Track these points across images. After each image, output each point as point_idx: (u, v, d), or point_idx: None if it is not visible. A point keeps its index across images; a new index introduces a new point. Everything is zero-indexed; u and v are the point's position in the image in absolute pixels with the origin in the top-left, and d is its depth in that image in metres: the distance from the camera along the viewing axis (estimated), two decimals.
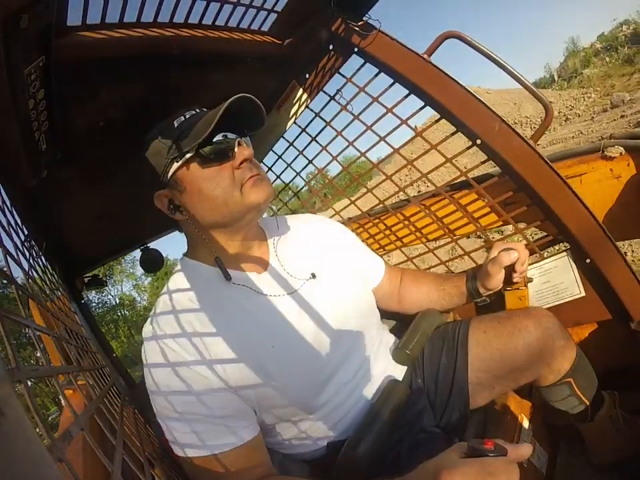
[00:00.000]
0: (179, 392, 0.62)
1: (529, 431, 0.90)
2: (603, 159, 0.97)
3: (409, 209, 1.22)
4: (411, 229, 1.24)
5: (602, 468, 0.89)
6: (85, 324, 1.08)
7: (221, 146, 0.68)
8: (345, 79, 1.08)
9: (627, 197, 0.97)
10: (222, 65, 0.96)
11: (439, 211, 1.16)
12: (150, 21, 0.77)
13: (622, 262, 0.91)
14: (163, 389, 0.62)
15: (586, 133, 6.89)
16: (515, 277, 0.87)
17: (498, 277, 0.84)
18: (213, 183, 0.67)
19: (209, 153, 0.67)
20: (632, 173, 0.95)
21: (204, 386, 0.62)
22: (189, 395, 0.61)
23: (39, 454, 0.18)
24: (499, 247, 0.85)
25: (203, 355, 0.63)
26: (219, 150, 0.67)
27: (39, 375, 0.34)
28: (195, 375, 0.62)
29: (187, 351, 0.63)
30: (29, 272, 0.54)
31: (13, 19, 0.46)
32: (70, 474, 0.25)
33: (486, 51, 0.89)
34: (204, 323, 0.66)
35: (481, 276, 0.88)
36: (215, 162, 0.67)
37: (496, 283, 0.86)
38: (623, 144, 0.95)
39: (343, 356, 0.76)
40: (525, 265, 0.86)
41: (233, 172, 0.68)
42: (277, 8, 0.94)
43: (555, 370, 0.81)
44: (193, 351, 0.63)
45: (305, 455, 0.77)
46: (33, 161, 0.70)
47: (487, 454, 0.46)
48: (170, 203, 0.72)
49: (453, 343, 0.88)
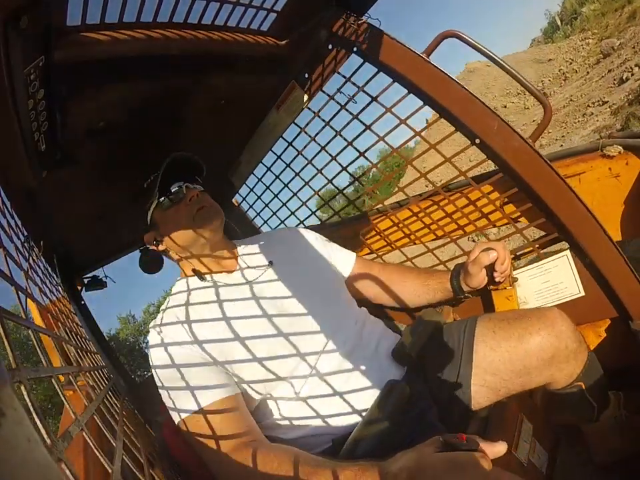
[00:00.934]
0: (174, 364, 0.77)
1: (529, 430, 0.90)
2: (602, 158, 0.97)
3: (406, 211, 1.22)
4: (410, 229, 1.25)
5: (603, 467, 0.89)
6: (84, 324, 1.08)
7: (176, 193, 0.93)
8: (344, 79, 1.08)
9: (626, 195, 0.97)
10: (221, 65, 0.96)
11: (436, 211, 1.16)
12: (149, 21, 0.77)
13: (622, 261, 0.91)
14: (163, 362, 0.78)
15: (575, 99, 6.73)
16: (497, 276, 0.89)
17: (479, 276, 0.88)
18: (175, 219, 0.91)
19: (168, 201, 0.92)
20: (631, 171, 0.95)
21: (192, 358, 0.77)
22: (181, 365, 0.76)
23: (39, 454, 0.18)
24: (480, 247, 0.87)
25: (191, 338, 0.79)
26: (175, 195, 0.92)
27: (39, 375, 0.34)
28: (185, 351, 0.78)
29: (179, 336, 0.80)
30: (28, 272, 0.54)
31: (12, 19, 0.46)
32: (70, 474, 0.25)
33: (485, 50, 0.89)
34: (192, 316, 0.84)
35: (463, 274, 0.91)
36: (174, 204, 0.92)
37: (477, 282, 0.89)
38: (621, 143, 0.95)
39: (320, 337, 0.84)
40: (506, 264, 0.86)
41: (186, 207, 0.91)
42: (276, 8, 0.94)
43: (567, 374, 0.80)
44: (184, 335, 0.80)
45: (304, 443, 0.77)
46: (32, 162, 0.70)
47: (459, 447, 0.48)
48: (154, 239, 0.95)
49: (458, 342, 0.87)
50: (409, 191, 1.29)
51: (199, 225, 0.89)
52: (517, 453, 0.84)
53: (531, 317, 0.81)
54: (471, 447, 0.47)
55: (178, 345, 0.79)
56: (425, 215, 1.18)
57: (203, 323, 0.83)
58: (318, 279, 0.97)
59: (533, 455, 0.87)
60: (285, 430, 0.80)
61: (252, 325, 0.83)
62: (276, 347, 0.81)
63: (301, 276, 0.94)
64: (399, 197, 1.27)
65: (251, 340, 0.81)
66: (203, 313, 0.85)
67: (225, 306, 0.86)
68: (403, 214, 1.24)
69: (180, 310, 0.86)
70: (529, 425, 0.90)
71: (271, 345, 0.81)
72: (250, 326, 0.83)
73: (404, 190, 1.23)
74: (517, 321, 0.82)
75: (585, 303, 0.99)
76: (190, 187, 0.95)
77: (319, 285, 0.94)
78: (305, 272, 0.96)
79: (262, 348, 0.80)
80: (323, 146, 1.26)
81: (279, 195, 1.49)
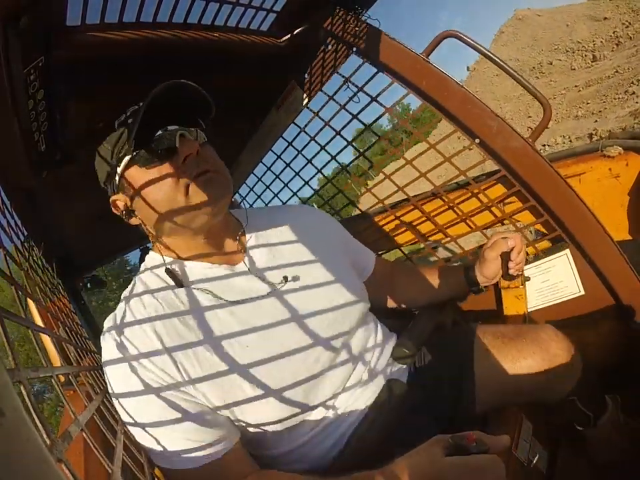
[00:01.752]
0: (148, 397, 0.55)
1: (529, 430, 0.90)
2: (602, 158, 0.97)
3: (405, 210, 1.22)
4: (410, 226, 1.24)
5: (603, 468, 0.89)
6: (84, 324, 1.09)
7: (161, 142, 0.59)
8: (344, 79, 1.08)
9: (625, 196, 0.97)
10: (221, 65, 0.96)
11: (435, 210, 1.16)
12: (149, 21, 0.77)
13: (622, 261, 0.91)
14: (129, 389, 0.56)
15: (622, 72, 6.33)
16: (511, 267, 0.85)
17: (495, 263, 0.83)
18: (155, 186, 0.59)
19: (148, 153, 0.59)
20: (631, 172, 0.95)
21: (177, 395, 0.56)
22: (159, 404, 0.55)
23: (38, 454, 0.18)
24: (496, 236, 0.85)
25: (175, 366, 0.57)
26: (159, 147, 0.59)
27: (39, 375, 0.34)
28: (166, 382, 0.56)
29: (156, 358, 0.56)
30: (28, 272, 0.54)
31: (12, 20, 0.46)
32: (70, 474, 0.25)
33: (483, 50, 0.89)
34: (163, 321, 0.59)
35: (478, 264, 0.87)
36: (157, 161, 0.59)
37: (493, 270, 0.84)
38: (622, 143, 0.95)
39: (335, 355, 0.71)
40: (522, 255, 0.84)
41: (177, 171, 0.59)
42: (276, 8, 0.94)
43: (559, 392, 0.80)
44: (163, 358, 0.56)
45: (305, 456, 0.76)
46: (32, 162, 0.70)
47: (470, 450, 0.45)
48: (124, 207, 0.66)
49: (455, 346, 0.87)
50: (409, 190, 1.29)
51: (196, 202, 0.59)
52: (517, 453, 0.84)
53: (525, 338, 0.80)
54: (480, 449, 0.46)
55: (153, 372, 0.55)
56: (424, 214, 1.18)
57: (191, 343, 0.59)
58: (345, 294, 0.76)
59: (532, 455, 0.87)
60: (284, 444, 0.70)
61: (262, 350, 0.62)
62: (291, 380, 0.63)
63: (326, 292, 0.74)
64: (399, 197, 1.27)
65: (262, 372, 0.61)
66: (189, 323, 0.60)
67: (224, 318, 0.63)
68: (402, 212, 1.23)
69: (155, 309, 0.61)
70: (528, 425, 0.90)
71: (285, 378, 0.63)
72: (258, 353, 0.62)
73: (403, 189, 1.22)
74: (512, 341, 0.81)
75: (585, 302, 1.00)
76: (186, 135, 0.61)
77: (346, 302, 0.75)
78: (331, 287, 0.75)
79: (273, 382, 0.62)
80: (322, 146, 1.26)
81: (278, 194, 1.49)
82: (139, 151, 0.60)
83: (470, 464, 0.44)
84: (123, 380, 0.56)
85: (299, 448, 0.70)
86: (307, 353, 0.66)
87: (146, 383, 0.55)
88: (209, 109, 0.62)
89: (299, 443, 0.70)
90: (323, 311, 0.71)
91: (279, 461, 0.71)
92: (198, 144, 0.61)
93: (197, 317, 0.62)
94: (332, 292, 0.75)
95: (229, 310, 0.64)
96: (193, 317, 0.62)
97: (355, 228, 1.35)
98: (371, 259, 0.95)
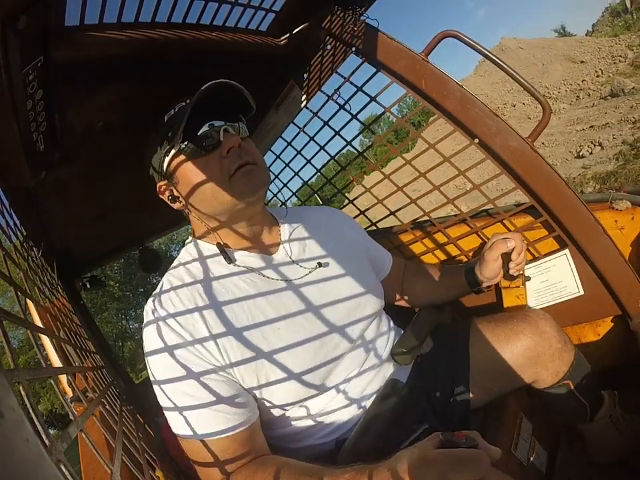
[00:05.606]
0: (177, 375, 0.61)
1: (529, 430, 0.90)
2: (610, 210, 1.00)
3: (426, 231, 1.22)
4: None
5: (602, 467, 0.89)
6: (83, 324, 1.08)
7: (207, 136, 0.68)
8: (343, 79, 1.08)
9: (628, 247, 1.00)
10: (220, 66, 0.96)
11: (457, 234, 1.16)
12: (148, 22, 0.77)
13: (621, 261, 0.91)
14: (164, 371, 0.62)
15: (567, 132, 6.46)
16: (512, 267, 0.88)
17: (495, 264, 0.86)
18: (201, 175, 0.67)
19: (195, 145, 0.67)
20: (635, 225, 0.99)
21: (203, 368, 0.62)
22: (187, 378, 0.61)
23: (37, 455, 0.18)
24: (496, 237, 0.86)
25: (203, 335, 0.63)
26: (205, 140, 0.68)
27: (38, 375, 0.33)
28: (194, 357, 0.62)
29: (187, 331, 0.62)
30: (27, 273, 0.54)
31: (11, 20, 0.46)
32: (69, 474, 0.25)
33: (483, 50, 0.89)
34: (206, 302, 0.66)
35: (479, 265, 0.89)
36: (203, 153, 0.68)
37: (493, 271, 0.86)
38: (630, 199, 1.00)
39: (351, 345, 0.76)
40: (522, 255, 0.86)
41: (221, 162, 0.67)
42: (275, 8, 0.94)
43: (553, 372, 0.81)
44: (193, 330, 0.63)
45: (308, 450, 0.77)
46: (31, 162, 0.70)
47: (459, 445, 0.47)
48: (170, 193, 0.74)
49: (454, 344, 0.88)
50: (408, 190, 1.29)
51: (237, 190, 0.67)
52: (516, 453, 0.84)
53: (516, 318, 0.84)
54: (470, 444, 0.47)
55: (191, 344, 0.62)
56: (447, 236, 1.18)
57: (230, 320, 0.65)
58: (364, 289, 0.82)
59: (532, 455, 0.88)
60: (291, 438, 0.76)
61: (291, 333, 0.68)
62: (313, 364, 0.69)
63: (349, 285, 0.80)
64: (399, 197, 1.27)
65: (290, 354, 0.67)
66: (231, 306, 0.66)
67: (260, 303, 0.69)
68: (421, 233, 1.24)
69: (198, 290, 0.67)
70: (528, 425, 0.90)
71: (306, 361, 0.69)
72: (287, 335, 0.68)
73: (403, 189, 1.22)
74: (503, 323, 0.84)
75: (584, 302, 1.00)
76: (230, 130, 0.69)
77: (365, 298, 0.81)
78: (352, 281, 0.81)
79: (298, 364, 0.68)
80: (322, 146, 1.26)
81: (277, 194, 1.49)
82: (186, 143, 0.67)
83: (454, 454, 0.46)
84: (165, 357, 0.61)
85: (305, 430, 0.74)
86: (329, 337, 0.72)
87: (189, 361, 0.61)
88: (248, 105, 0.71)
89: (306, 424, 0.74)
90: (345, 298, 0.78)
91: (286, 439, 0.75)
92: (239, 138, 0.69)
93: (236, 299, 0.68)
94: (354, 284, 0.81)
95: (264, 294, 0.70)
96: (233, 299, 0.68)
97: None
98: (387, 262, 1.00)
